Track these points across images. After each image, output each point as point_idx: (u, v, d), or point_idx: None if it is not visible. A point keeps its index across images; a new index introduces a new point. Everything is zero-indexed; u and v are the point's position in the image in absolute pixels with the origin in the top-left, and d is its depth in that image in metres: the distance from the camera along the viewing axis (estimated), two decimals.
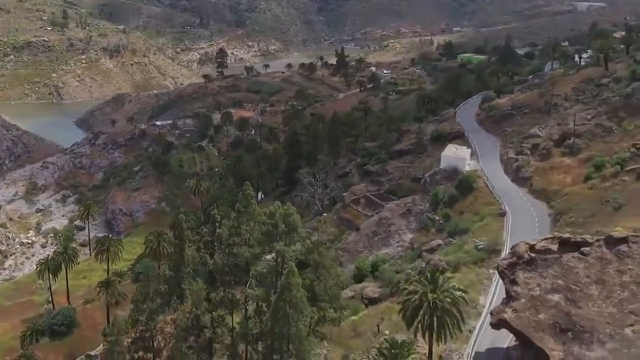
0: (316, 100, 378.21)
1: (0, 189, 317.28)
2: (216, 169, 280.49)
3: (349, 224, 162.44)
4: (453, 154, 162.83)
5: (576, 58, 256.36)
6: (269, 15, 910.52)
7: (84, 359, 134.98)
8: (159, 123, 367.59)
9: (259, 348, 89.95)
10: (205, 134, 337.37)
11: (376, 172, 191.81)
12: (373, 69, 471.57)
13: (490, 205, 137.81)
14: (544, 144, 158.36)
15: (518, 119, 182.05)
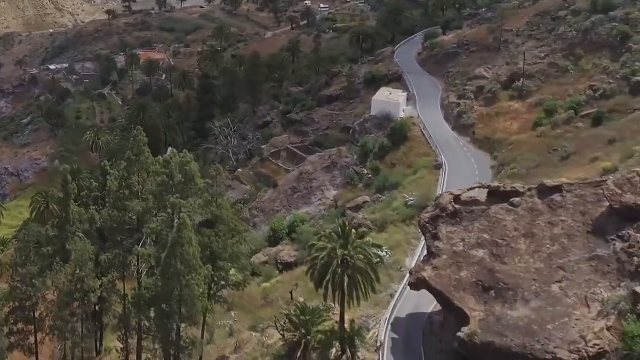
0: (239, 40, 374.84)
1: None
2: (119, 120, 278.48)
3: (267, 180, 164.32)
4: (385, 98, 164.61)
5: None
6: None
7: None
8: (52, 67, 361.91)
9: (151, 314, 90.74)
10: (107, 80, 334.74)
11: (301, 121, 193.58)
12: (308, 2, 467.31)
13: (426, 156, 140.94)
14: (489, 86, 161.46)
15: (464, 58, 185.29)
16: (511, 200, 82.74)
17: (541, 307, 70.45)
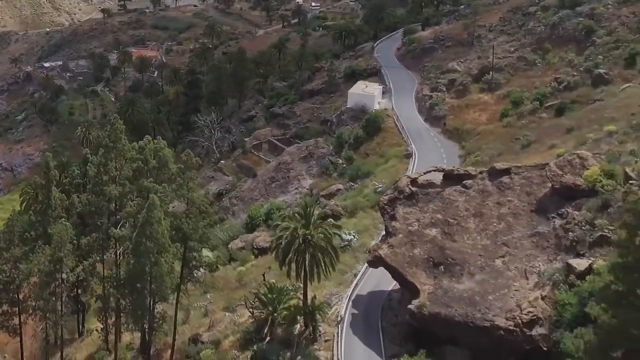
0: (231, 38, 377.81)
1: None
2: (109, 116, 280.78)
3: (249, 171, 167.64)
4: (361, 91, 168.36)
5: None
6: None
7: None
8: (47, 65, 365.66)
9: (126, 292, 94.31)
10: (100, 77, 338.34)
11: (283, 114, 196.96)
12: (299, 1, 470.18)
13: (398, 146, 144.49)
14: (461, 79, 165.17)
15: (440, 53, 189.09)
16: (464, 182, 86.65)
17: (484, 280, 74.43)
